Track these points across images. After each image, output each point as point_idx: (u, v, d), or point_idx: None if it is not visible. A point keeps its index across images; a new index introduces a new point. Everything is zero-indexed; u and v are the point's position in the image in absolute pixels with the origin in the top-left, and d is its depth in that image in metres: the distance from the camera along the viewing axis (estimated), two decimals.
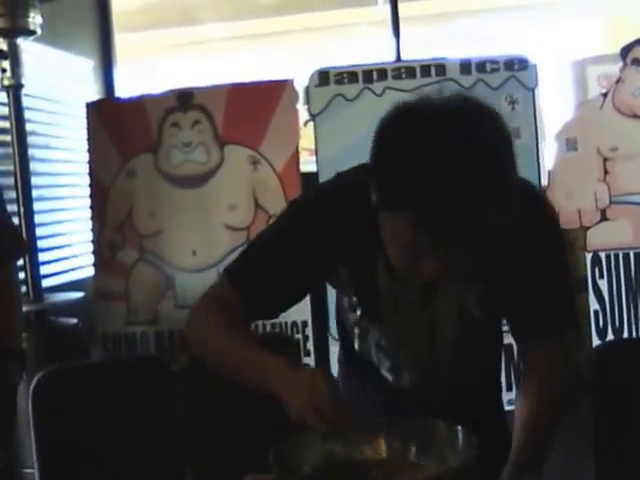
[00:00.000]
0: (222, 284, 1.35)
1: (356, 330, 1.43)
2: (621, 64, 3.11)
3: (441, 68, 3.06)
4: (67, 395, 1.74)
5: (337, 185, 1.35)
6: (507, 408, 1.56)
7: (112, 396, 1.74)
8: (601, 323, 3.20)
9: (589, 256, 3.21)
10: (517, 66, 3.11)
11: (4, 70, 2.77)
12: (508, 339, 1.42)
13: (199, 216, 3.01)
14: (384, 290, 1.31)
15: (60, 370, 1.84)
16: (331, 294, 1.52)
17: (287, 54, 4.37)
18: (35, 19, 2.78)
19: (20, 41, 2.79)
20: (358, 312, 1.37)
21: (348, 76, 3.08)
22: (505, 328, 1.43)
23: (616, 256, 3.17)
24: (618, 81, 3.13)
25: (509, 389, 2.71)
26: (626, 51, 3.11)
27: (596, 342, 3.13)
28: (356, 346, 1.45)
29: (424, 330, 1.35)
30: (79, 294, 2.98)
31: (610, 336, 3.14)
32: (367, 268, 1.31)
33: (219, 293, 1.35)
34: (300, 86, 3.07)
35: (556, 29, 4.24)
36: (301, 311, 2.82)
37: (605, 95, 3.16)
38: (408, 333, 1.36)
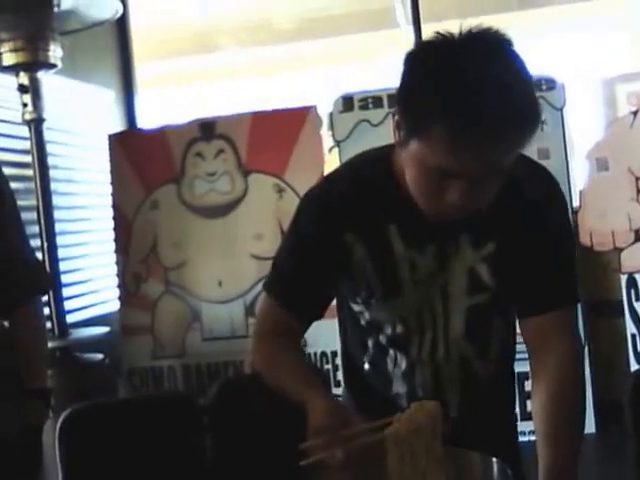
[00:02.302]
0: (267, 302, 1.40)
1: (369, 340, 1.41)
2: None
3: None
4: (94, 433, 1.70)
5: (341, 168, 1.41)
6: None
7: (140, 433, 1.69)
8: (639, 347, 3.11)
9: (624, 278, 3.13)
10: (544, 86, 3.07)
11: (25, 104, 2.76)
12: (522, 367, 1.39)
13: (224, 246, 2.97)
14: (400, 255, 1.30)
15: (87, 408, 1.80)
16: None
17: (309, 80, 4.35)
18: (55, 52, 2.77)
19: (41, 75, 2.78)
20: (374, 299, 1.35)
21: (373, 101, 3.05)
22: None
23: None
24: None
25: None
26: None
27: (634, 366, 3.05)
28: (369, 353, 1.41)
29: (440, 301, 1.33)
30: (104, 329, 2.93)
31: None
32: (381, 236, 1.30)
33: (267, 314, 1.40)
34: (324, 112, 3.04)
35: (583, 47, 4.20)
36: (330, 342, 2.76)
37: (635, 113, 3.10)
38: (425, 305, 1.34)
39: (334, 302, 1.47)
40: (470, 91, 1.09)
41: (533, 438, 1.26)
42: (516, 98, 1.10)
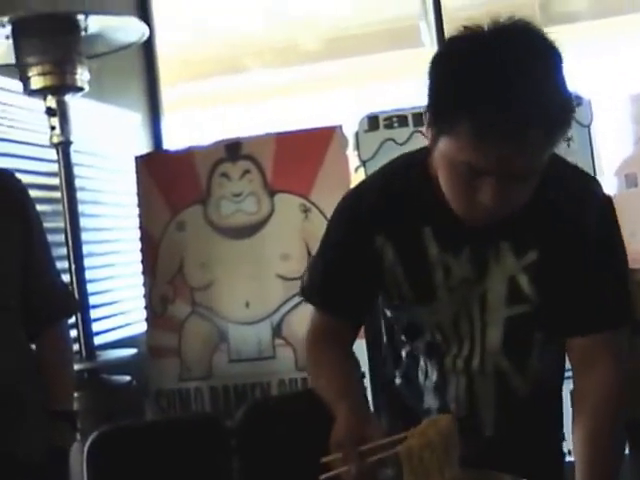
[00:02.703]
0: (313, 312, 1.43)
1: (403, 339, 1.39)
2: None
3: None
4: (122, 455, 1.70)
5: (372, 177, 1.41)
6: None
7: (167, 455, 1.69)
8: None
9: None
10: None
11: (53, 127, 2.77)
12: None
13: (251, 267, 2.96)
14: (434, 258, 1.28)
15: (114, 430, 1.80)
16: None
17: (334, 100, 4.35)
18: (83, 75, 2.79)
19: (68, 98, 2.79)
20: (408, 303, 1.34)
21: (398, 120, 3.04)
22: None
23: None
24: None
25: None
26: None
27: None
28: (402, 365, 1.40)
29: (478, 309, 1.29)
30: (132, 351, 2.93)
31: None
32: (414, 239, 1.29)
33: (314, 323, 1.42)
34: (349, 132, 3.03)
35: (610, 64, 4.16)
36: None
37: None
38: (463, 312, 1.30)
39: None
40: (496, 85, 1.06)
41: None
42: (546, 93, 1.07)
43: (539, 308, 1.28)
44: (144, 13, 4.00)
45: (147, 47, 3.81)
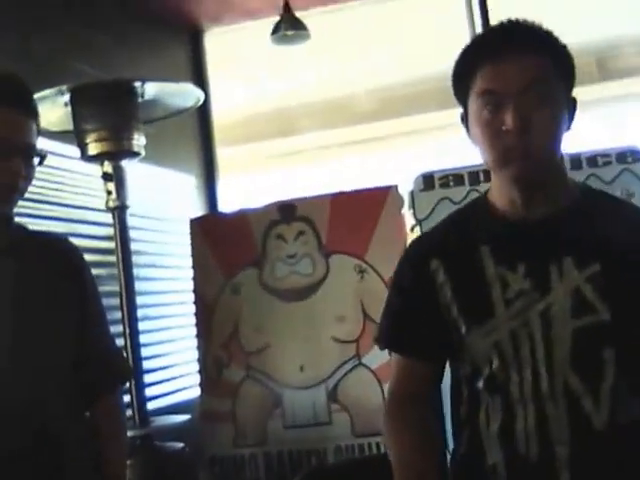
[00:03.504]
0: (391, 360, 1.46)
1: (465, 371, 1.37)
2: None
3: None
4: None
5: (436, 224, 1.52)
6: None
7: None
8: None
9: None
10: (630, 158, 2.95)
11: (109, 192, 2.80)
12: None
13: (306, 330, 2.91)
14: (491, 273, 1.31)
15: None
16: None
17: (389, 159, 4.33)
18: (139, 141, 2.82)
19: (125, 163, 2.83)
20: (463, 329, 1.33)
21: (454, 179, 2.99)
22: None
23: None
24: None
25: None
26: None
27: None
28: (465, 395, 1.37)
29: (539, 326, 1.27)
30: (185, 417, 2.89)
31: None
32: (472, 259, 1.33)
33: (393, 371, 1.44)
34: (404, 191, 2.99)
35: None
36: None
37: None
38: (522, 331, 1.28)
39: None
40: (493, 30, 1.38)
41: None
42: (534, 26, 1.32)
43: (608, 320, 1.26)
44: (199, 78, 4.08)
45: (202, 111, 3.87)
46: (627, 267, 1.27)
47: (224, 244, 3.04)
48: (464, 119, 1.37)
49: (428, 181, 2.99)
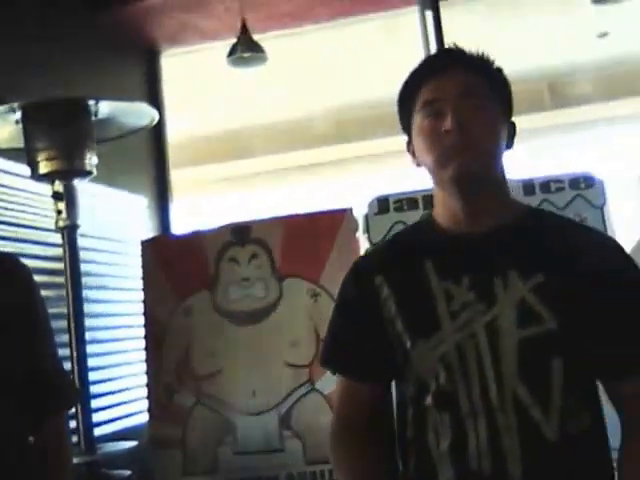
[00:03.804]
0: (337, 382, 1.47)
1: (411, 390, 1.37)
2: None
3: None
4: None
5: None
6: None
7: None
8: None
9: None
10: (583, 184, 3.00)
11: (59, 212, 2.75)
12: None
13: (258, 354, 2.87)
14: (436, 287, 1.32)
15: None
16: None
17: (344, 183, 4.35)
18: (91, 160, 2.78)
19: (76, 182, 2.78)
20: (408, 343, 1.34)
21: (408, 202, 2.99)
22: None
23: None
24: None
25: None
26: None
27: None
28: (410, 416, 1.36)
29: (485, 337, 1.28)
30: (133, 443, 2.82)
31: None
32: (416, 274, 1.35)
33: (338, 394, 1.46)
34: (359, 214, 2.99)
35: (622, 145, 4.16)
36: None
37: None
38: (469, 343, 1.29)
39: None
40: (432, 56, 1.57)
41: None
42: (470, 51, 1.42)
43: (555, 329, 1.27)
44: (155, 98, 4.05)
45: (156, 132, 3.84)
46: (570, 279, 1.29)
47: (176, 266, 3.00)
48: (409, 146, 1.44)
49: (383, 205, 2.99)
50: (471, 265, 1.33)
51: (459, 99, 1.35)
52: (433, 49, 3.68)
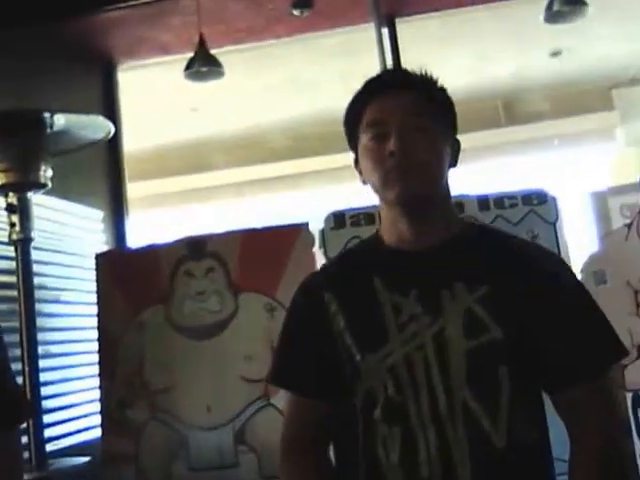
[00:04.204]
0: (285, 399, 1.48)
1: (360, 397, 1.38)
2: None
3: (459, 206, 2.98)
4: None
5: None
6: None
7: None
8: None
9: (629, 396, 3.01)
10: (536, 200, 3.05)
11: (13, 224, 2.72)
12: None
13: (213, 369, 2.85)
14: (384, 300, 1.34)
15: None
16: None
17: (301, 197, 4.36)
18: (46, 172, 2.76)
19: (30, 195, 2.75)
20: (357, 357, 1.35)
21: (364, 218, 3.02)
22: None
23: None
24: None
25: None
26: None
27: None
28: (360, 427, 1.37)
29: (432, 349, 1.31)
30: (85, 459, 2.79)
31: None
32: (363, 290, 1.38)
33: (287, 411, 1.46)
34: (315, 229, 3.00)
35: (574, 161, 4.24)
36: None
37: (629, 225, 3.07)
38: (417, 355, 1.31)
39: None
40: (375, 77, 1.48)
41: None
42: (414, 71, 1.44)
43: (500, 338, 1.30)
44: (111, 111, 4.03)
45: (113, 145, 3.81)
46: (513, 290, 1.32)
47: (131, 280, 2.98)
48: (356, 164, 1.47)
49: (339, 220, 3.01)
50: (418, 279, 1.36)
51: (402, 120, 1.37)
52: (390, 65, 3.73)
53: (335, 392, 1.42)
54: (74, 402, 3.25)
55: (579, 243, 3.43)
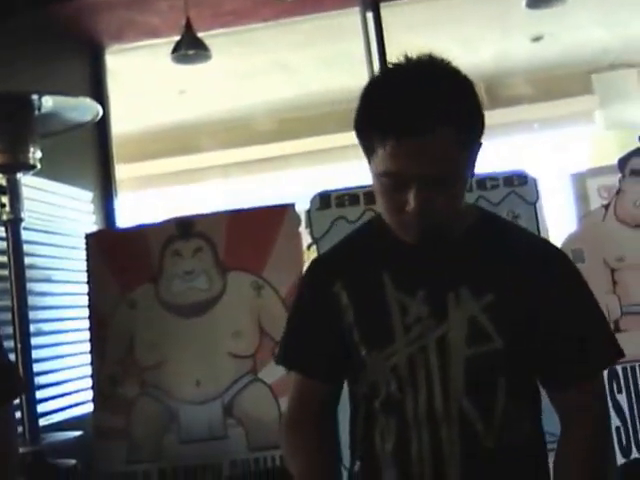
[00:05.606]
0: (290, 378, 1.48)
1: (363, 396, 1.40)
2: (620, 175, 3.11)
3: None
4: None
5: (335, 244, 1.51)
6: None
7: None
8: (624, 441, 3.05)
9: (605, 371, 3.10)
10: (517, 181, 3.11)
11: (3, 205, 2.75)
12: None
13: (202, 345, 2.92)
14: (391, 299, 1.33)
15: None
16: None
17: (287, 178, 4.41)
18: (35, 154, 2.79)
19: (20, 176, 2.79)
20: (364, 352, 1.36)
21: (349, 198, 3.07)
22: None
23: (632, 369, 3.06)
24: (618, 192, 3.12)
25: None
26: (623, 162, 3.11)
27: (620, 460, 2.98)
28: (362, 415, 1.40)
29: (435, 352, 1.32)
30: (78, 433, 2.85)
31: (635, 454, 2.99)
32: (373, 283, 1.35)
33: (292, 389, 1.46)
34: (301, 210, 3.06)
35: (554, 143, 4.31)
36: None
37: (607, 207, 3.14)
38: (419, 356, 1.32)
39: None
40: (390, 102, 1.24)
41: None
42: (435, 94, 1.24)
43: (501, 349, 1.31)
44: (99, 93, 4.05)
45: (101, 126, 3.84)
46: (518, 298, 1.31)
47: (121, 259, 3.03)
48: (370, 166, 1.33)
49: (324, 200, 3.06)
50: (426, 278, 1.33)
51: (423, 174, 1.23)
52: (374, 49, 3.78)
53: (342, 375, 1.45)
54: (66, 378, 3.31)
55: (558, 223, 3.51)
